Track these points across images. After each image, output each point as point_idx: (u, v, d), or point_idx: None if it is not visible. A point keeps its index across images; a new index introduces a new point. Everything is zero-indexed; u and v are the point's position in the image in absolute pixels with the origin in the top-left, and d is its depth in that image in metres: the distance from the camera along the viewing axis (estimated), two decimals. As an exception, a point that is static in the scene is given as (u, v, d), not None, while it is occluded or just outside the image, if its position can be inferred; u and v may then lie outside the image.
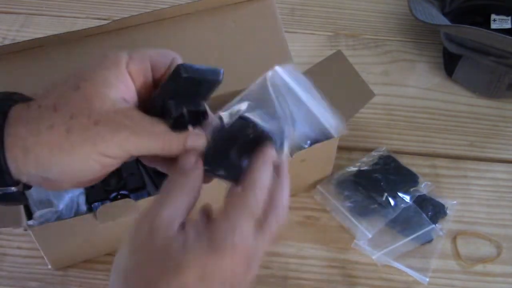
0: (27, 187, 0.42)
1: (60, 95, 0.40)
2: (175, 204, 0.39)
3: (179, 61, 0.43)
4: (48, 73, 0.69)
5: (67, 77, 0.41)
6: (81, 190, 0.73)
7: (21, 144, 0.38)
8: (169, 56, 0.43)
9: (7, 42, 0.99)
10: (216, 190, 0.42)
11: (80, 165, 0.39)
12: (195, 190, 0.40)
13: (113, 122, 0.39)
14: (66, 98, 0.39)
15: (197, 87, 0.41)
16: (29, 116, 0.39)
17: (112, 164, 0.40)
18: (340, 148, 0.81)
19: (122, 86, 0.40)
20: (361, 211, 0.76)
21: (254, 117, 0.42)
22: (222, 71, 0.41)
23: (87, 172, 0.40)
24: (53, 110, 0.39)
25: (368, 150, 0.85)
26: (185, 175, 0.40)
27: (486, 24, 1.01)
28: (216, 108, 0.46)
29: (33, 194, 0.70)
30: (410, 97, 0.94)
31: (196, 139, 0.41)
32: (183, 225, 0.38)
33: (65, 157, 0.39)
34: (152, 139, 0.40)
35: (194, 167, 0.40)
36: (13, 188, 0.40)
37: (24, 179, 0.40)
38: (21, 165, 0.39)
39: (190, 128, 0.41)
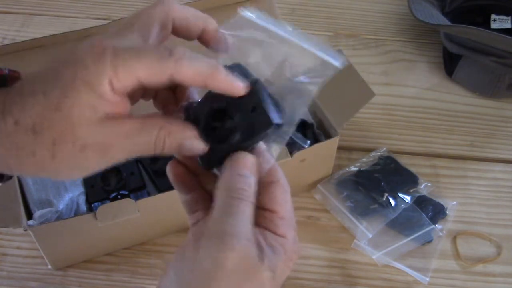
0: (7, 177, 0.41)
1: (40, 113, 0.36)
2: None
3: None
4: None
5: (49, 69, 0.39)
6: (81, 190, 0.73)
7: (2, 161, 0.37)
8: (166, 71, 0.36)
9: (7, 42, 0.99)
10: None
11: (67, 176, 0.39)
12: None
13: (101, 145, 0.36)
14: (47, 119, 0.35)
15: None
16: (6, 133, 0.36)
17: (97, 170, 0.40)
18: (340, 148, 0.81)
19: (107, 103, 0.36)
20: (361, 211, 0.76)
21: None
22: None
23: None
24: (32, 132, 0.36)
25: (368, 150, 0.85)
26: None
27: (486, 24, 1.01)
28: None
29: (33, 194, 0.70)
30: (410, 97, 0.94)
31: (190, 140, 0.39)
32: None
33: (52, 175, 0.38)
34: (142, 147, 0.38)
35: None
36: None
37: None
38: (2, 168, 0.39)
39: (182, 123, 0.39)
